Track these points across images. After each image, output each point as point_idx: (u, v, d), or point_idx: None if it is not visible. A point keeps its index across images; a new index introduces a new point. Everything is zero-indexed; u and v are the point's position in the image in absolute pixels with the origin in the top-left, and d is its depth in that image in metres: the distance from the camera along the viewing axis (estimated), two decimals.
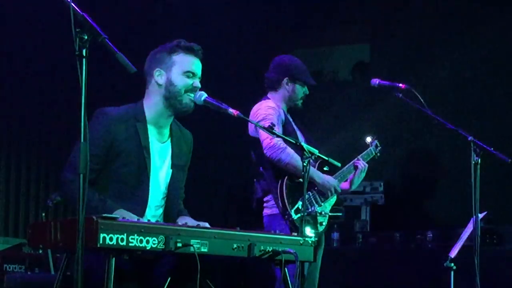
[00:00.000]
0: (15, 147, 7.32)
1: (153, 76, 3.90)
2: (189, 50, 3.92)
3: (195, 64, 3.93)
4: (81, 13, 2.81)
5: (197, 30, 8.29)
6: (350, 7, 8.33)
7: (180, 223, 3.79)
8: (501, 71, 7.72)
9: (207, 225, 3.61)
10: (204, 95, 3.91)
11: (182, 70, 3.88)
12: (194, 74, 3.91)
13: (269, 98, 5.38)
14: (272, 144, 5.05)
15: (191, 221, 3.81)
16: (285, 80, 5.38)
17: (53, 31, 7.12)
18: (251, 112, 5.27)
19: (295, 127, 5.40)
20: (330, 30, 8.47)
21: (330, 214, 5.30)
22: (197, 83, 3.92)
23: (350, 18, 8.36)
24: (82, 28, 2.79)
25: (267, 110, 5.21)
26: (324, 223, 5.27)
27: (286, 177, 5.10)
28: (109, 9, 7.48)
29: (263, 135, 5.10)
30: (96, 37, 2.81)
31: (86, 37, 2.80)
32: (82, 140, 2.79)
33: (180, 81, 3.87)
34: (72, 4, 2.79)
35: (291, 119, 5.42)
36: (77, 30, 2.79)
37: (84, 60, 2.79)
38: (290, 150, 5.04)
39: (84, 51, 2.79)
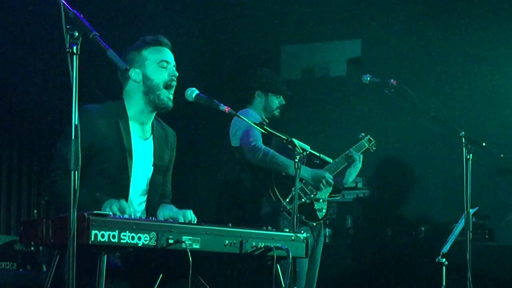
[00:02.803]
0: (6, 145, 7.29)
1: (130, 76, 3.87)
2: (157, 43, 3.93)
3: (167, 53, 3.94)
4: (71, 10, 2.80)
5: (186, 24, 8.27)
6: (341, 2, 8.31)
7: (161, 213, 3.84)
8: (495, 67, 7.72)
9: (189, 213, 3.64)
10: (195, 91, 3.92)
11: (156, 61, 3.88)
12: (168, 62, 3.91)
13: (247, 108, 5.40)
14: (251, 146, 5.06)
15: (173, 209, 3.84)
16: (257, 92, 5.42)
17: (45, 28, 7.11)
18: (231, 124, 5.29)
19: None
20: (321, 26, 8.46)
21: (328, 199, 5.31)
22: (173, 71, 3.91)
23: (342, 13, 8.34)
24: (73, 25, 2.79)
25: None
26: (324, 209, 5.29)
27: (273, 175, 5.13)
28: (100, 6, 7.45)
29: (243, 140, 5.12)
30: (87, 34, 2.80)
31: (77, 34, 2.79)
32: (73, 137, 2.78)
33: (156, 74, 3.87)
34: (63, 1, 2.78)
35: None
36: (67, 27, 2.78)
37: (75, 57, 2.78)
38: (269, 149, 5.06)
39: (75, 48, 2.79)
